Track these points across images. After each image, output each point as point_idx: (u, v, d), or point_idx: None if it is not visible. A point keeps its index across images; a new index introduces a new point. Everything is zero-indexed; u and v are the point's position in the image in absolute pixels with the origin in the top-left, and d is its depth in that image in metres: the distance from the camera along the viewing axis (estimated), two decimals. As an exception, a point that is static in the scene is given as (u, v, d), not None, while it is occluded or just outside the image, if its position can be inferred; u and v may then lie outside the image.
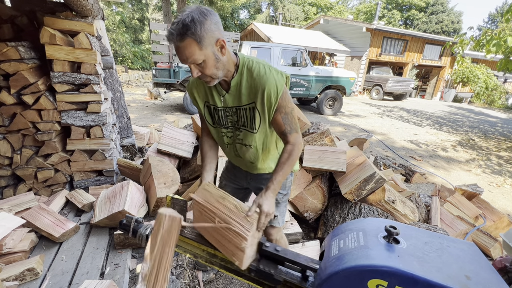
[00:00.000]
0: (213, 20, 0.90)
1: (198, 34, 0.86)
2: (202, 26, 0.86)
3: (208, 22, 0.88)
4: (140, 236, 1.15)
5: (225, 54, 0.97)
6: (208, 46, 0.90)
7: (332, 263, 0.76)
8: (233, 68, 1.04)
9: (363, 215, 2.04)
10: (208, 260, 1.09)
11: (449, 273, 0.64)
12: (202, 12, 0.87)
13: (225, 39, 0.95)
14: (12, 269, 1.45)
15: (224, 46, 0.95)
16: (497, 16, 31.74)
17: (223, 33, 0.96)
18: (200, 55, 0.90)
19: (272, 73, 1.02)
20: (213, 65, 0.95)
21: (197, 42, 0.87)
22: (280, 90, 1.02)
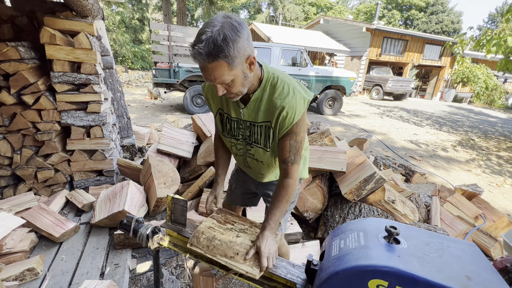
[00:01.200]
0: (245, 35, 0.81)
1: (231, 56, 0.78)
2: (235, 45, 0.78)
3: (241, 39, 0.79)
4: (141, 236, 1.15)
5: (253, 70, 0.90)
6: (239, 65, 0.83)
7: (332, 263, 0.76)
8: (256, 82, 0.97)
9: (363, 215, 2.04)
10: (208, 260, 1.09)
11: (449, 273, 0.64)
12: (234, 28, 0.78)
13: (255, 55, 0.88)
14: (12, 269, 1.45)
15: (253, 63, 0.88)
16: (497, 16, 31.75)
17: (253, 47, 0.88)
18: (230, 75, 0.83)
19: (295, 96, 0.92)
20: (241, 83, 0.88)
21: (229, 64, 0.80)
22: (297, 117, 0.93)
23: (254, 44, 6.53)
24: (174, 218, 1.18)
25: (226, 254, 0.97)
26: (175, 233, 1.15)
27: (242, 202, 1.51)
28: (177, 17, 13.65)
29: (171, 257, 1.83)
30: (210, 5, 16.99)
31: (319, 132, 2.53)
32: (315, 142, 2.46)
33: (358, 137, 3.75)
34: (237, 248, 0.99)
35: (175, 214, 1.17)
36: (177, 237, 1.17)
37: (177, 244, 1.16)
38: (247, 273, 0.92)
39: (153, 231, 1.17)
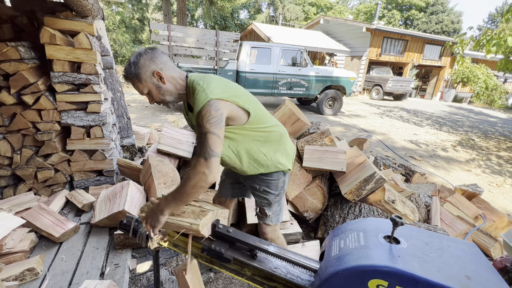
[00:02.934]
0: (147, 57, 1.08)
1: (134, 73, 1.08)
2: (136, 65, 1.07)
3: (142, 60, 1.07)
4: (140, 236, 1.15)
5: (166, 82, 1.11)
6: (147, 79, 1.09)
7: (332, 263, 0.76)
8: (184, 91, 1.17)
9: (363, 215, 2.04)
10: (208, 260, 1.09)
11: (449, 273, 0.64)
12: (138, 54, 1.09)
13: (162, 71, 1.10)
14: (12, 269, 1.45)
15: (162, 76, 1.10)
16: (497, 16, 31.74)
17: (166, 64, 1.12)
18: (144, 88, 1.11)
19: (199, 92, 1.07)
20: (157, 93, 1.13)
21: (138, 79, 1.09)
22: (198, 108, 1.04)
23: (254, 44, 6.55)
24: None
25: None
26: (175, 233, 1.15)
27: (232, 194, 1.54)
28: (177, 17, 13.65)
29: (171, 257, 1.84)
30: (210, 5, 16.98)
31: (319, 132, 2.53)
32: (315, 142, 2.46)
33: (358, 137, 3.75)
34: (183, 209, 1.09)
35: (175, 214, 1.17)
36: (177, 237, 1.17)
37: (177, 244, 1.16)
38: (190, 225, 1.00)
39: (153, 231, 1.17)
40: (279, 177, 1.32)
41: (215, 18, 22.43)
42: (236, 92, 1.15)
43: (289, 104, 2.73)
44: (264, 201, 1.34)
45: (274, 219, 1.37)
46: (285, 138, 1.35)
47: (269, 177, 1.31)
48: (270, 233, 1.39)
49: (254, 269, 1.03)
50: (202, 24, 26.67)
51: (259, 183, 1.32)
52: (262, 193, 1.33)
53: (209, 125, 1.03)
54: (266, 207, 1.35)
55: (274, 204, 1.35)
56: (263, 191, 1.32)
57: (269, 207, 1.35)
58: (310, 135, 2.62)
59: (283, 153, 1.31)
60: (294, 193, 2.22)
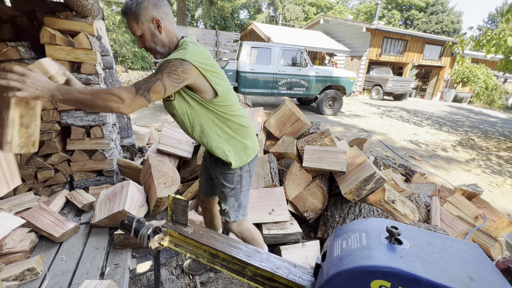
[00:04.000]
0: (152, 1, 1.06)
1: (134, 12, 1.04)
2: (139, 5, 1.04)
3: (146, 2, 1.05)
4: (142, 236, 1.15)
5: (162, 32, 1.11)
6: (145, 22, 1.07)
7: (334, 263, 0.76)
8: (174, 49, 1.16)
9: (363, 215, 2.04)
10: (210, 260, 1.09)
11: (452, 274, 0.64)
12: None
13: (162, 20, 1.09)
14: (12, 269, 1.45)
15: (160, 25, 1.09)
16: (497, 16, 31.76)
17: (169, 16, 1.12)
18: (138, 29, 1.07)
19: (180, 49, 1.08)
20: (150, 39, 1.11)
21: (135, 19, 1.05)
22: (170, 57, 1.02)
23: (254, 44, 6.57)
24: (175, 218, 1.18)
25: None
26: (176, 233, 1.15)
27: (205, 191, 1.55)
28: (177, 17, 13.64)
29: (171, 257, 1.83)
30: (210, 5, 16.97)
31: (319, 132, 2.53)
32: (315, 142, 2.46)
33: (358, 137, 3.75)
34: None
35: (176, 214, 1.17)
36: (178, 237, 1.17)
37: (178, 244, 1.16)
38: None
39: (154, 231, 1.17)
40: (235, 171, 1.30)
41: (215, 18, 22.43)
42: (213, 70, 1.12)
43: (289, 104, 2.73)
44: (221, 194, 1.37)
45: (232, 215, 1.36)
46: (246, 133, 1.31)
47: (226, 170, 1.30)
48: (235, 228, 1.40)
49: (256, 269, 1.03)
50: (202, 24, 26.66)
51: (218, 175, 1.33)
52: (220, 186, 1.35)
53: (166, 77, 0.99)
54: (223, 201, 1.36)
55: (230, 198, 1.34)
56: (220, 183, 1.33)
57: (224, 201, 1.35)
58: (310, 135, 2.62)
59: (236, 146, 1.27)
60: (294, 193, 2.22)
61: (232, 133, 1.26)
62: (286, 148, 2.52)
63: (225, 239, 1.16)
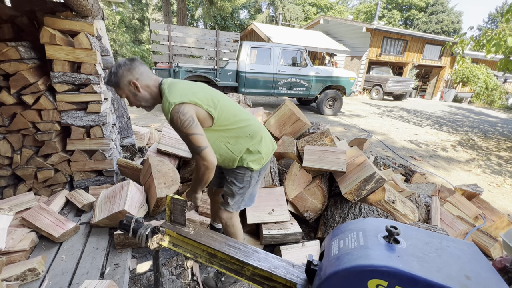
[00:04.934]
0: (126, 68, 1.24)
1: (114, 81, 1.25)
2: (116, 75, 1.23)
3: (120, 71, 1.23)
4: (140, 236, 1.15)
5: (141, 90, 1.27)
6: (124, 87, 1.26)
7: (332, 263, 0.76)
8: (159, 97, 1.32)
9: (363, 215, 2.04)
10: (208, 260, 1.09)
11: (449, 273, 0.64)
12: (118, 65, 1.24)
13: (138, 80, 1.26)
14: (14, 269, 1.45)
15: (137, 85, 1.26)
16: (497, 16, 31.72)
17: (142, 74, 1.27)
18: (122, 93, 1.29)
19: (164, 102, 1.23)
20: (133, 99, 1.31)
21: (116, 87, 1.26)
22: (167, 118, 1.21)
23: (254, 44, 6.58)
24: (173, 218, 1.18)
25: None
26: (175, 233, 1.16)
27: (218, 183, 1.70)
28: (177, 17, 13.64)
29: (171, 257, 1.84)
30: (210, 5, 16.97)
31: (319, 132, 2.53)
32: (315, 142, 2.46)
33: (358, 137, 3.75)
34: None
35: (175, 214, 1.17)
36: (177, 237, 1.17)
37: (177, 244, 1.16)
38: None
39: (153, 231, 1.17)
40: (246, 172, 1.42)
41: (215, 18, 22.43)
42: (199, 95, 1.24)
43: (289, 104, 2.73)
44: (228, 191, 1.47)
45: (235, 207, 1.51)
46: (258, 135, 1.41)
47: (237, 170, 1.42)
48: (227, 219, 1.53)
49: (254, 268, 1.03)
50: (202, 24, 26.66)
51: (229, 173, 1.47)
52: (229, 183, 1.47)
53: (186, 129, 1.18)
54: (229, 197, 1.48)
55: (237, 195, 1.47)
56: (230, 181, 1.46)
57: (231, 197, 1.47)
58: (310, 135, 2.62)
59: (253, 152, 1.39)
60: (294, 193, 2.22)
61: (247, 142, 1.38)
62: (286, 148, 2.52)
63: (223, 239, 1.16)
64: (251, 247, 1.13)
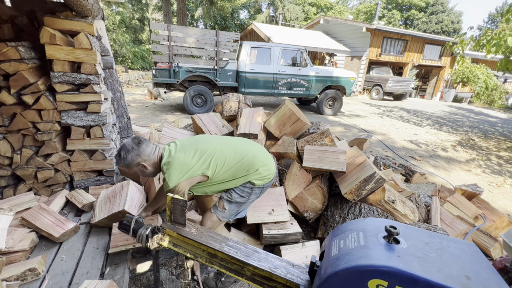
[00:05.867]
0: (134, 154, 1.38)
1: (124, 164, 1.40)
2: (126, 160, 1.38)
3: (130, 157, 1.38)
4: (140, 236, 1.15)
5: (149, 168, 1.44)
6: (134, 167, 1.43)
7: (332, 263, 0.76)
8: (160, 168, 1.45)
9: (363, 215, 2.04)
10: (208, 260, 1.09)
11: (449, 273, 0.64)
12: (127, 151, 1.37)
13: (145, 162, 1.42)
14: (14, 269, 1.45)
15: (145, 166, 1.43)
16: (497, 16, 31.73)
17: (147, 155, 1.42)
18: (131, 171, 1.48)
19: (165, 181, 1.37)
20: (141, 174, 1.50)
21: (126, 166, 1.42)
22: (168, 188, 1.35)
23: (254, 44, 6.57)
24: (173, 218, 1.18)
25: None
26: (175, 233, 1.16)
27: None
28: (177, 17, 13.65)
29: (171, 257, 1.83)
30: (210, 5, 16.97)
31: (319, 132, 2.53)
32: (315, 142, 2.46)
33: (358, 137, 3.75)
34: None
35: (175, 214, 1.17)
36: (177, 237, 1.17)
37: (177, 244, 1.16)
38: None
39: (153, 231, 1.17)
40: (246, 185, 1.53)
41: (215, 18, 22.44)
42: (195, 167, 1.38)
43: (289, 104, 2.73)
44: (227, 195, 1.54)
45: (226, 216, 1.56)
46: (254, 166, 1.51)
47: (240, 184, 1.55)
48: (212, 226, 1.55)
49: (254, 268, 1.03)
50: (202, 24, 26.67)
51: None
52: (229, 191, 1.55)
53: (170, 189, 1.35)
54: (226, 202, 1.54)
55: (234, 203, 1.54)
56: (232, 190, 1.54)
57: (228, 203, 1.53)
58: (310, 135, 2.62)
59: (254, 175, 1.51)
60: (294, 193, 2.22)
61: (245, 173, 1.50)
62: (286, 148, 2.52)
63: (223, 239, 1.16)
64: (251, 247, 1.13)
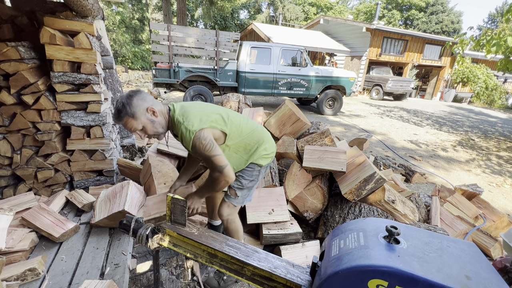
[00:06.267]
0: (138, 97, 1.21)
1: (130, 112, 1.18)
2: (130, 105, 1.18)
3: (134, 100, 1.19)
4: (140, 236, 1.15)
5: (158, 116, 1.26)
6: (141, 116, 1.21)
7: (332, 263, 0.76)
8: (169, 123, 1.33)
9: (363, 215, 2.04)
10: (208, 260, 1.09)
11: (449, 273, 0.64)
12: (128, 96, 1.20)
13: (153, 105, 1.24)
14: (14, 269, 1.45)
15: (154, 111, 1.24)
16: (497, 16, 31.73)
17: (154, 101, 1.27)
18: (138, 124, 1.22)
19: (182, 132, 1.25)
20: (151, 126, 1.26)
21: (132, 117, 1.19)
22: (188, 146, 1.25)
23: (254, 44, 6.57)
24: (173, 218, 1.18)
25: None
26: (175, 233, 1.16)
27: None
28: (177, 17, 13.65)
29: (171, 257, 1.83)
30: (210, 5, 16.97)
31: (319, 132, 2.53)
32: (315, 142, 2.46)
33: (358, 137, 3.75)
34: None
35: (175, 214, 1.17)
36: (177, 237, 1.17)
37: (177, 244, 1.16)
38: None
39: (153, 231, 1.17)
40: (255, 167, 1.52)
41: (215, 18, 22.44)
42: (212, 117, 1.32)
43: (289, 104, 2.73)
44: (237, 183, 1.53)
45: (240, 201, 1.55)
46: (263, 138, 1.53)
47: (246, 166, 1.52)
48: (228, 215, 1.55)
49: (254, 268, 1.03)
50: (202, 24, 26.67)
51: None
52: (237, 177, 1.52)
53: (207, 152, 1.23)
54: (237, 189, 1.52)
55: (245, 189, 1.53)
56: (238, 176, 1.52)
57: (240, 190, 1.52)
58: (310, 135, 2.62)
59: (261, 152, 1.51)
60: (294, 193, 2.22)
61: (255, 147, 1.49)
62: (286, 148, 2.52)
63: (223, 239, 1.16)
64: (251, 247, 1.13)
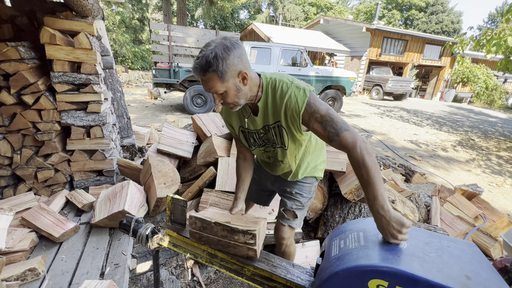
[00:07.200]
0: (236, 54, 0.93)
1: (219, 70, 0.90)
2: (224, 62, 0.90)
3: (231, 57, 0.91)
4: (140, 236, 1.15)
5: (247, 84, 1.00)
6: (230, 79, 0.94)
7: (332, 263, 0.76)
8: (256, 91, 1.06)
9: (363, 215, 2.04)
10: (208, 260, 1.09)
11: (449, 273, 0.64)
12: (225, 47, 0.90)
13: (247, 71, 0.97)
14: (14, 269, 1.45)
15: (246, 78, 0.97)
16: (497, 16, 31.73)
17: (249, 63, 1.00)
18: (222, 87, 0.95)
19: (293, 90, 1.00)
20: (234, 95, 0.99)
21: (219, 77, 0.92)
22: (302, 107, 0.98)
23: (254, 44, 6.55)
24: (174, 218, 1.18)
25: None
26: (175, 233, 1.15)
27: (256, 199, 1.57)
28: (177, 17, 13.65)
29: (171, 257, 1.84)
30: (210, 5, 16.97)
31: (319, 132, 2.53)
32: (315, 142, 2.46)
33: (358, 137, 3.75)
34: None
35: (175, 214, 1.17)
36: (177, 237, 1.17)
37: (177, 244, 1.16)
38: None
39: (153, 231, 1.17)
40: (313, 182, 1.35)
41: (215, 18, 22.44)
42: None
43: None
44: (297, 203, 1.32)
45: (299, 223, 1.36)
46: (324, 147, 1.38)
47: (303, 180, 1.32)
48: (290, 238, 1.36)
49: (254, 268, 1.03)
50: (202, 24, 26.67)
51: (291, 186, 1.33)
52: (294, 196, 1.32)
53: (323, 107, 0.98)
54: (297, 210, 1.32)
55: (304, 208, 1.35)
56: (295, 193, 1.32)
57: (300, 210, 1.33)
58: (310, 135, 2.62)
59: (322, 160, 1.37)
60: (294, 193, 2.22)
61: (322, 150, 1.33)
62: (285, 148, 2.52)
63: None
64: (251, 247, 1.13)
